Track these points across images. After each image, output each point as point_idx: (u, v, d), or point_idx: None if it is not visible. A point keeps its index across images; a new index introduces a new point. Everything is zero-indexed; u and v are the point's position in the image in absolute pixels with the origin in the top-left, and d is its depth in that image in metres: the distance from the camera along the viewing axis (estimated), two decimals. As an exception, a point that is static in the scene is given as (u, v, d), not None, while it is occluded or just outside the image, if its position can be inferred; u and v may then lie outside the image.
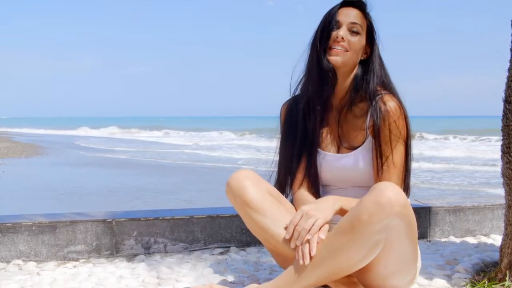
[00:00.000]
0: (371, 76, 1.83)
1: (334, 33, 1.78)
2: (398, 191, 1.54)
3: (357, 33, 1.80)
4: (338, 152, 1.87)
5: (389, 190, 1.52)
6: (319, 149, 1.88)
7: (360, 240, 1.54)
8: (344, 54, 1.78)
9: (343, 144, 1.86)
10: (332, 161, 1.86)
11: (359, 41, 1.80)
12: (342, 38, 1.77)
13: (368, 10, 1.84)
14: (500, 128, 1.97)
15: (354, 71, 1.84)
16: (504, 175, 1.96)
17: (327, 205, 1.68)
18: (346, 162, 1.83)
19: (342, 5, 1.84)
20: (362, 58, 1.84)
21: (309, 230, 1.60)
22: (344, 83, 1.84)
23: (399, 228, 1.56)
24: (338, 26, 1.80)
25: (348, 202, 1.69)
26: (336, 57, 1.78)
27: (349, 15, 1.81)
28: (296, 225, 1.63)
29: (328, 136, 1.90)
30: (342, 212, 1.69)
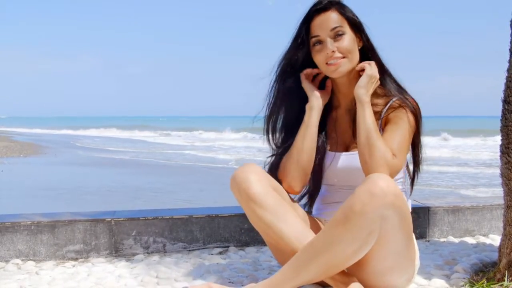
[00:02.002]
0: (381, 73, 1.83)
1: (322, 55, 1.76)
2: (391, 181, 1.55)
3: (341, 34, 1.76)
4: (347, 151, 1.87)
5: (382, 180, 1.54)
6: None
7: (354, 230, 1.54)
8: (342, 62, 1.77)
9: (354, 143, 1.85)
10: (338, 161, 1.86)
11: (348, 39, 1.77)
12: (333, 51, 1.75)
13: (338, 4, 1.79)
14: (499, 128, 1.97)
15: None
16: (503, 175, 1.96)
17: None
18: (355, 160, 1.81)
19: (312, 17, 1.78)
20: (359, 47, 1.83)
21: None
22: (351, 84, 1.84)
23: (392, 219, 1.57)
24: (320, 41, 1.77)
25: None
26: (337, 70, 1.77)
27: (324, 24, 1.76)
28: None
29: (336, 136, 1.90)
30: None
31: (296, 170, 1.84)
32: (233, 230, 2.52)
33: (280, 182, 1.87)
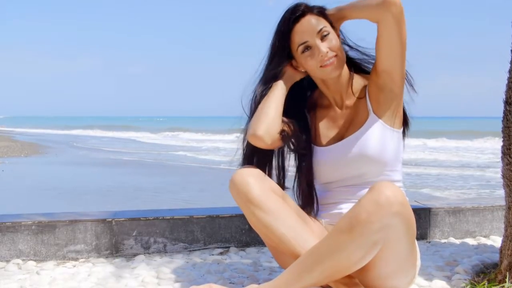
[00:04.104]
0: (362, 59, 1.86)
1: (315, 60, 1.74)
2: (397, 190, 1.54)
3: (327, 34, 1.75)
4: (341, 140, 1.85)
5: (388, 189, 1.52)
6: (317, 148, 1.87)
7: (359, 240, 1.53)
8: (336, 60, 1.75)
9: (349, 131, 1.84)
10: (332, 152, 1.84)
11: (334, 37, 1.77)
12: (326, 52, 1.73)
13: (312, 6, 1.78)
14: (501, 129, 1.97)
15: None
16: (504, 176, 1.96)
17: None
18: (353, 144, 1.80)
19: (292, 25, 1.76)
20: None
21: None
22: (340, 79, 1.84)
23: (398, 227, 1.56)
24: (309, 46, 1.75)
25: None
26: (334, 70, 1.76)
27: (309, 28, 1.74)
28: None
29: (330, 131, 1.89)
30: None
31: (260, 116, 1.76)
32: (233, 231, 2.52)
33: (253, 147, 1.81)
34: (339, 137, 1.86)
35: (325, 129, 1.89)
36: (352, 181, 1.85)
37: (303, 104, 1.93)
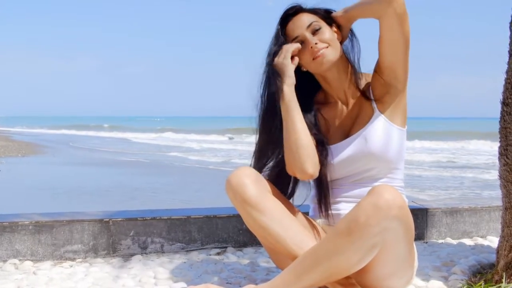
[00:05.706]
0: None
1: (307, 53, 1.75)
2: (396, 193, 1.54)
3: (319, 28, 1.76)
4: (346, 138, 1.84)
5: (387, 192, 1.52)
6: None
7: (358, 243, 1.54)
8: (327, 51, 1.75)
9: (353, 129, 1.84)
10: (339, 150, 1.83)
11: (327, 31, 1.78)
12: (316, 43, 1.74)
13: (304, 6, 1.81)
14: (498, 130, 1.97)
15: (344, 59, 1.83)
16: (501, 177, 1.96)
17: None
18: (358, 141, 1.80)
19: (285, 26, 1.79)
20: (339, 40, 1.81)
21: None
22: (341, 76, 1.83)
23: (396, 230, 1.56)
24: (301, 41, 1.77)
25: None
26: (325, 60, 1.75)
27: (299, 23, 1.77)
28: None
29: (335, 129, 1.88)
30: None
31: (298, 150, 1.75)
32: (231, 231, 2.52)
33: (290, 178, 1.85)
34: (344, 135, 1.86)
35: (331, 127, 1.89)
36: (353, 178, 1.85)
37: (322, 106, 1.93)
